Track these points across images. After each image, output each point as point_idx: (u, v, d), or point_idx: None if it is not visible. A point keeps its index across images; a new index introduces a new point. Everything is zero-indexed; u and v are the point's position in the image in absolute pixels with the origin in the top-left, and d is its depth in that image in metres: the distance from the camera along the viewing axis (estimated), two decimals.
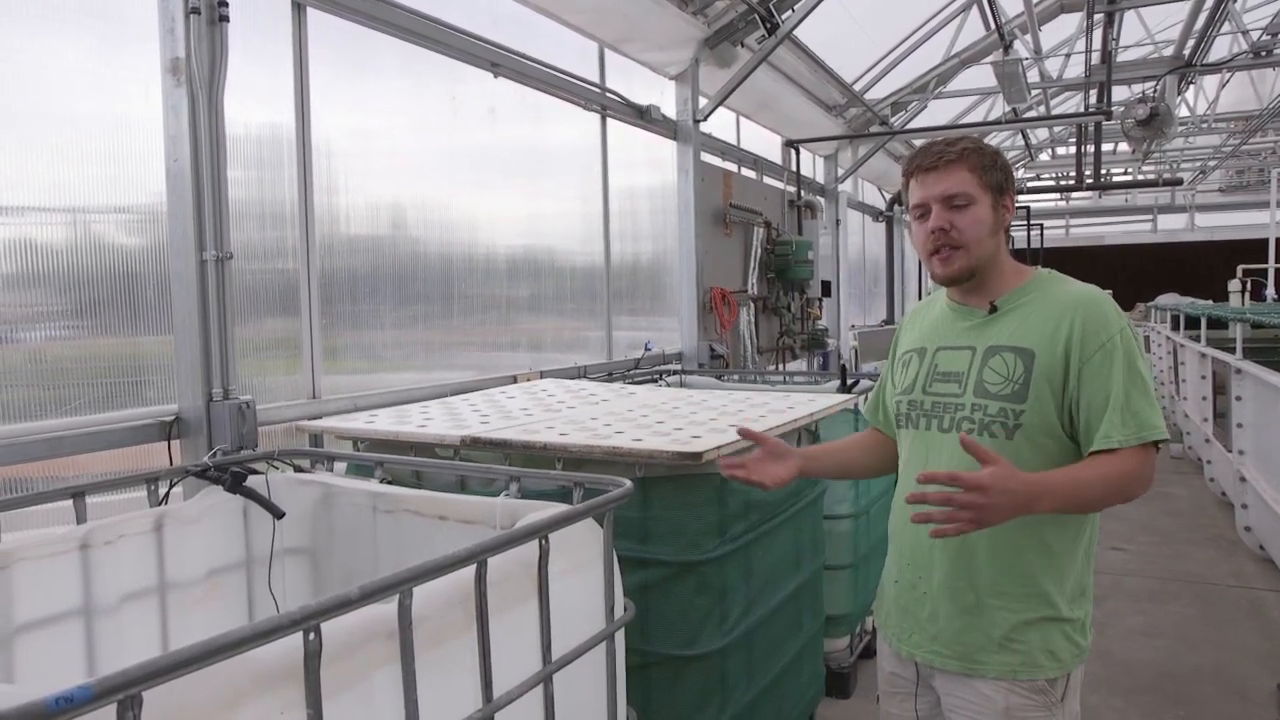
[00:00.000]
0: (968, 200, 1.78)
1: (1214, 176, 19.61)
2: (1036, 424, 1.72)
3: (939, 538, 1.55)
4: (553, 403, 3.59)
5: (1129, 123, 9.41)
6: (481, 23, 4.86)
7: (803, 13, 6.60)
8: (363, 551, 2.33)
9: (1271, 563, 5.45)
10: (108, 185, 3.12)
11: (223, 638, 1.09)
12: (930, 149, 1.82)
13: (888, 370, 2.10)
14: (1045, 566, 1.75)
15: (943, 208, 1.78)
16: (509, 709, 1.56)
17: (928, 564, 1.82)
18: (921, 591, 1.84)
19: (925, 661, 1.85)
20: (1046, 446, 1.73)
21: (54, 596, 1.96)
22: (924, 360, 1.90)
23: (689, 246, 7.02)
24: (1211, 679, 3.98)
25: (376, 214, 4.31)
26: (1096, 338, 1.71)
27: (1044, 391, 1.72)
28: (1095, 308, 1.74)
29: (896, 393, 1.95)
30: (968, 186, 1.78)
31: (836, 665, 3.82)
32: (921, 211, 1.82)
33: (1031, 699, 1.74)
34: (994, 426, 1.75)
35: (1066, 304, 1.76)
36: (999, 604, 1.75)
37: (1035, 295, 1.81)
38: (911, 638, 1.87)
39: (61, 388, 2.99)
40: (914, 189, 1.84)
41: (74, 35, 3.03)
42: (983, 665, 1.76)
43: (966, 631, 1.78)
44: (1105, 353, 1.69)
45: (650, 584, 2.59)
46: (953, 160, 1.78)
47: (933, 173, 1.79)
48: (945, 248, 1.79)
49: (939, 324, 1.93)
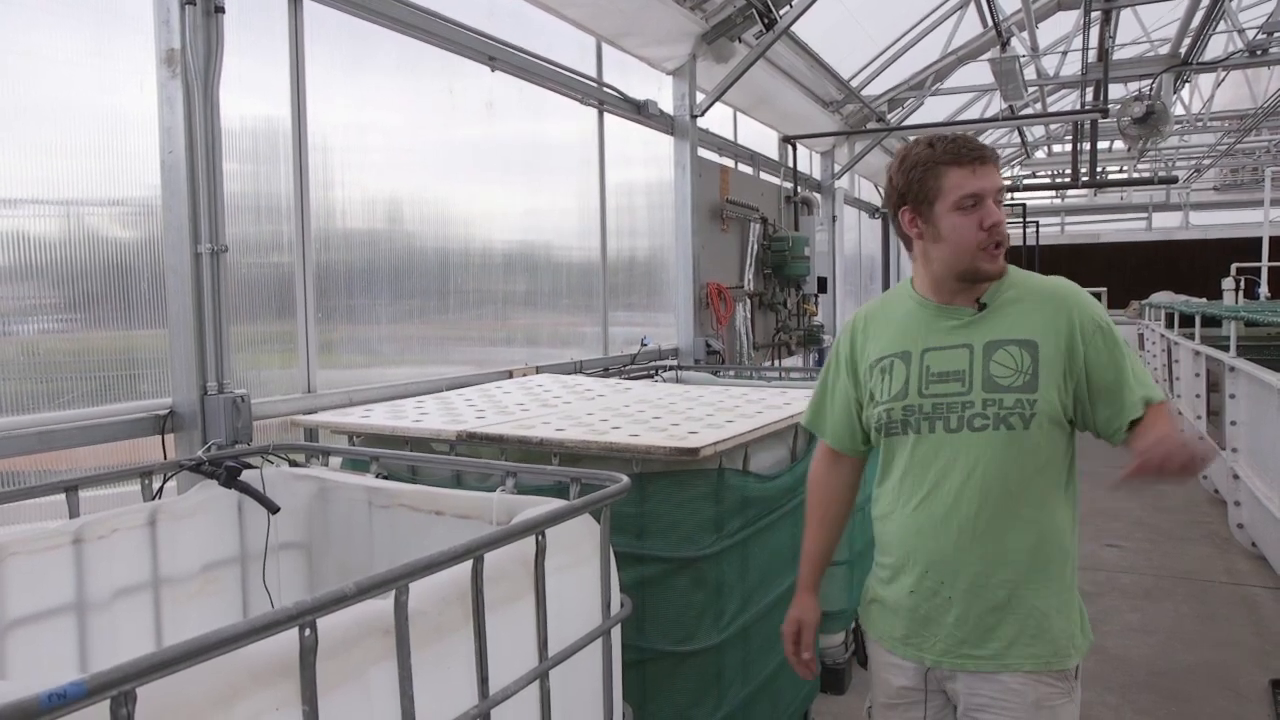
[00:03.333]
0: (1002, 198, 1.83)
1: (1209, 175, 19.67)
2: (1048, 411, 1.75)
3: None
4: (549, 398, 3.59)
5: (1125, 120, 9.43)
6: (478, 16, 4.84)
7: (800, 8, 6.59)
8: (358, 546, 2.33)
9: (1264, 560, 5.47)
10: (102, 178, 3.10)
11: (218, 633, 1.08)
12: (968, 142, 1.81)
13: (836, 381, 2.00)
14: (1061, 552, 1.80)
15: (995, 202, 1.79)
16: (505, 705, 1.56)
17: (953, 568, 1.79)
18: (945, 597, 1.81)
19: (950, 666, 1.82)
20: (1055, 434, 1.77)
21: (47, 591, 1.95)
22: (911, 364, 1.85)
23: (685, 242, 7.01)
24: (1205, 675, 3.99)
25: (372, 208, 4.30)
26: (1091, 322, 1.78)
27: (1050, 380, 1.75)
28: (1081, 295, 1.83)
29: (884, 401, 1.87)
30: (1001, 185, 1.84)
31: (832, 661, 3.82)
32: (974, 201, 1.77)
33: (1057, 686, 1.77)
34: (1011, 419, 1.75)
35: (1056, 295, 1.82)
36: (1030, 594, 1.77)
37: (1016, 290, 1.84)
38: (934, 645, 1.83)
39: (55, 381, 2.98)
40: (964, 179, 1.77)
41: (69, 27, 3.01)
42: (1016, 659, 1.77)
43: (999, 627, 1.78)
44: (1102, 334, 1.78)
45: (647, 580, 2.59)
46: (992, 159, 1.81)
47: (986, 165, 1.78)
48: (997, 244, 1.79)
49: (914, 326, 1.88)
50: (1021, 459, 1.75)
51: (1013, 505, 1.76)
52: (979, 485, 1.76)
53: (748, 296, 8.21)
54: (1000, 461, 1.76)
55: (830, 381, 2.03)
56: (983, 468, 1.76)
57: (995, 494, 1.76)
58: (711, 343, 7.16)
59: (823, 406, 2.04)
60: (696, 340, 7.05)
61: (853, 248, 12.27)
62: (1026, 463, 1.76)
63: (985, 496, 1.76)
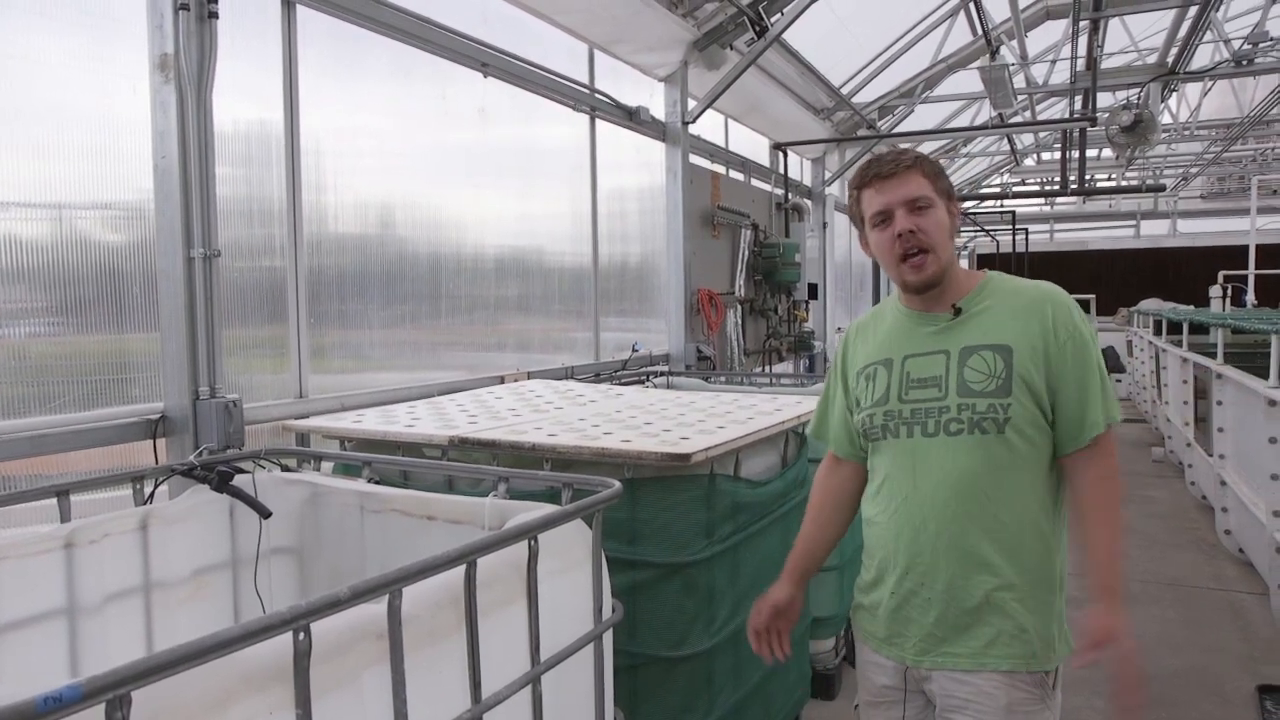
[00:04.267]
0: (928, 203, 1.82)
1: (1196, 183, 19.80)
2: (1022, 415, 1.77)
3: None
4: (540, 403, 3.59)
5: (1113, 129, 9.51)
6: (472, 22, 4.85)
7: (792, 16, 6.63)
8: (350, 551, 2.33)
9: (1251, 566, 5.51)
10: (94, 182, 3.10)
11: (212, 637, 1.08)
12: (883, 159, 1.86)
13: (835, 390, 2.07)
14: (1043, 556, 1.81)
15: (907, 211, 1.81)
16: (498, 709, 1.56)
17: (931, 571, 1.82)
18: (924, 598, 1.84)
19: (929, 666, 1.85)
20: (1033, 437, 1.79)
21: (37, 596, 1.95)
22: (892, 370, 1.90)
23: (677, 248, 7.03)
24: (1192, 681, 4.02)
25: (365, 213, 4.30)
26: (1067, 328, 1.79)
27: (1024, 384, 1.77)
28: (1060, 301, 1.83)
29: (867, 407, 1.93)
30: (926, 190, 1.82)
31: (822, 667, 3.83)
32: (884, 218, 1.83)
33: (1031, 692, 1.78)
34: (984, 423, 1.77)
35: (1033, 299, 1.83)
36: (1007, 596, 1.78)
37: (995, 295, 1.86)
38: (913, 645, 1.86)
39: (46, 385, 2.97)
40: (871, 198, 1.85)
41: (62, 31, 3.01)
42: (993, 659, 1.79)
43: (977, 627, 1.80)
44: (1076, 343, 1.79)
45: (638, 585, 2.59)
46: (909, 166, 1.82)
47: (892, 179, 1.82)
48: (916, 251, 1.81)
49: (897, 334, 1.93)
50: (996, 463, 1.78)
51: (990, 509, 1.78)
52: (954, 489, 1.79)
53: (739, 302, 8.24)
54: (975, 466, 1.78)
55: (830, 390, 2.10)
56: (958, 472, 1.79)
57: (971, 498, 1.78)
58: (702, 349, 7.17)
59: (824, 414, 2.11)
60: (688, 346, 7.06)
61: (843, 254, 12.31)
62: (1002, 466, 1.78)
63: (961, 500, 1.79)
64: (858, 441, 2.01)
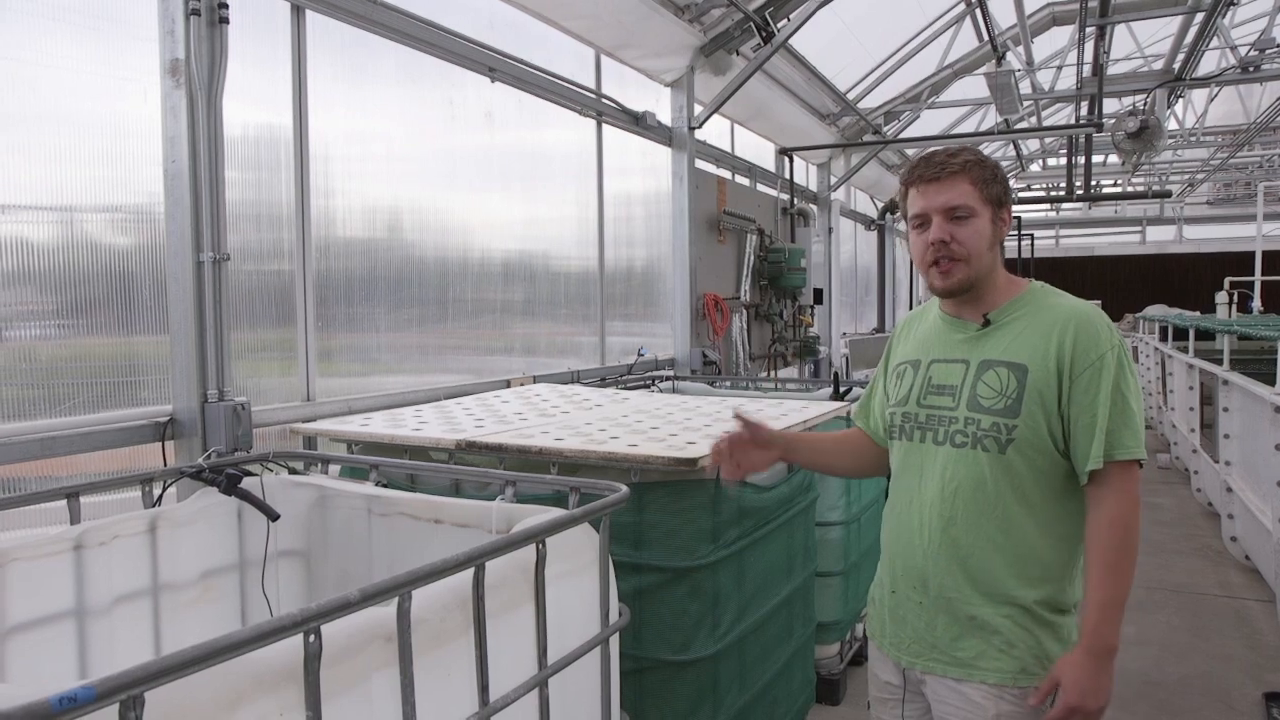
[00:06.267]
0: (969, 213, 1.77)
1: (1202, 189, 19.77)
2: (1029, 439, 1.73)
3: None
4: (546, 407, 3.60)
5: (1119, 135, 9.50)
6: (479, 28, 4.87)
7: (798, 22, 6.64)
8: (357, 554, 2.33)
9: (1257, 573, 5.49)
10: (105, 185, 3.12)
11: (225, 639, 1.09)
12: (932, 159, 1.81)
13: (880, 378, 2.10)
14: (1038, 573, 1.77)
15: (944, 219, 1.77)
16: (505, 712, 1.57)
17: (923, 577, 1.83)
18: (917, 602, 1.84)
19: (921, 669, 1.86)
20: (1037, 461, 1.75)
21: (47, 597, 1.95)
22: (919, 373, 1.90)
23: (683, 253, 7.04)
24: (1198, 688, 4.01)
25: (373, 217, 4.32)
26: (1087, 356, 1.71)
27: (1036, 407, 1.73)
28: (1087, 324, 1.74)
29: (891, 404, 1.95)
30: (969, 199, 1.77)
31: (827, 672, 3.83)
32: (921, 221, 1.81)
33: (1020, 706, 1.76)
34: (986, 441, 1.76)
35: (1059, 319, 1.76)
36: (997, 611, 1.76)
37: (1028, 309, 1.81)
38: (908, 645, 1.88)
39: (56, 387, 2.99)
40: (914, 199, 1.82)
41: (74, 35, 3.03)
42: (980, 670, 1.77)
43: (965, 638, 1.79)
44: (1095, 371, 1.70)
45: (644, 589, 2.60)
46: (955, 172, 1.77)
47: (934, 184, 1.78)
48: (945, 259, 1.78)
49: (932, 336, 1.93)
50: (995, 482, 1.75)
51: (984, 526, 1.76)
52: (951, 501, 1.79)
53: (744, 307, 8.24)
54: (974, 481, 1.76)
55: (876, 379, 2.13)
56: (957, 484, 1.78)
57: (966, 512, 1.77)
58: (708, 353, 7.17)
59: (868, 400, 2.14)
60: (693, 351, 7.07)
61: (849, 259, 12.31)
62: (1001, 486, 1.75)
63: (956, 513, 1.78)
64: (882, 435, 2.05)
